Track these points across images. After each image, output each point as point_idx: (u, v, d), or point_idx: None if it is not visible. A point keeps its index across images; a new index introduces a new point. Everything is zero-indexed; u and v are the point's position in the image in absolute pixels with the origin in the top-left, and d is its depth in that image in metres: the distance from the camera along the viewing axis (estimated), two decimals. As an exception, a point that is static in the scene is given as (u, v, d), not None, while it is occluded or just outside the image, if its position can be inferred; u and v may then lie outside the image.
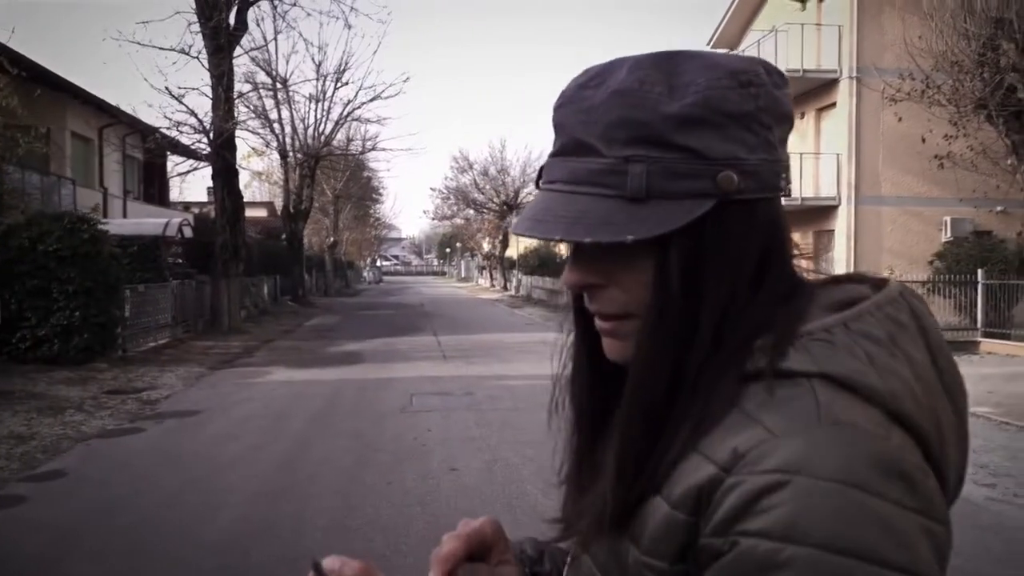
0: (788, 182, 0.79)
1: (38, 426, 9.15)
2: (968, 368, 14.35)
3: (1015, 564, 5.33)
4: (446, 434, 9.05)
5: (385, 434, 9.11)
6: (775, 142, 0.77)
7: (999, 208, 19.73)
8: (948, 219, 20.20)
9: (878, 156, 20.61)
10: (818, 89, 22.02)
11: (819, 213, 21.86)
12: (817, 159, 22.12)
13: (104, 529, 5.85)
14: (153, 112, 50.96)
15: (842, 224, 21.16)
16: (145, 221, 21.15)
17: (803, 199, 21.74)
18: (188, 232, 21.23)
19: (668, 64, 0.76)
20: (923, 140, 17.39)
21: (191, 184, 63.83)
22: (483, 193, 50.30)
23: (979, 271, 17.11)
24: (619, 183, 0.75)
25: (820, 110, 22.64)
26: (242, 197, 21.88)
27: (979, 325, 17.08)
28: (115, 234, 15.59)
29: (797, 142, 23.05)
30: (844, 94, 21.12)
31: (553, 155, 0.80)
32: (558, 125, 0.80)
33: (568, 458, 0.90)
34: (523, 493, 6.71)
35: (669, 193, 0.74)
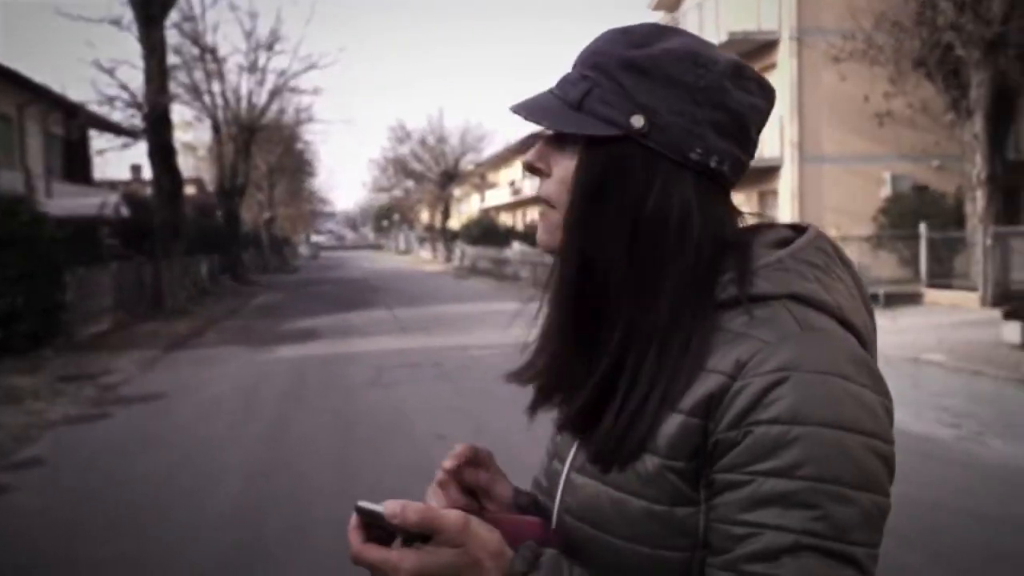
0: (708, 162, 0.89)
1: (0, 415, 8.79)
2: (916, 318, 14.83)
3: (987, 495, 5.57)
4: (424, 405, 8.98)
5: (361, 408, 9.00)
6: (700, 119, 0.89)
7: (936, 163, 20.31)
8: (888, 175, 20.72)
9: (820, 115, 20.98)
10: (759, 50, 22.26)
11: (762, 174, 22.20)
12: (759, 120, 22.44)
13: (101, 513, 5.68)
14: (83, 88, 48.93)
15: (786, 184, 21.54)
16: (79, 201, 20.37)
17: (747, 160, 22.07)
18: (125, 211, 20.52)
19: (663, 30, 0.93)
20: (866, 99, 17.76)
21: (110, 162, 61.62)
22: (422, 163, 49.84)
23: (921, 225, 17.60)
24: (570, 91, 0.92)
25: (761, 70, 22.64)
26: (180, 174, 21.27)
27: (923, 277, 17.58)
28: (52, 216, 14.96)
29: (738, 104, 23.37)
30: (785, 55, 21.40)
31: None
32: None
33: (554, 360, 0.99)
34: (515, 457, 6.63)
35: (593, 112, 0.90)
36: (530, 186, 44.21)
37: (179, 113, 34.15)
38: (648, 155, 0.89)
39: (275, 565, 4.72)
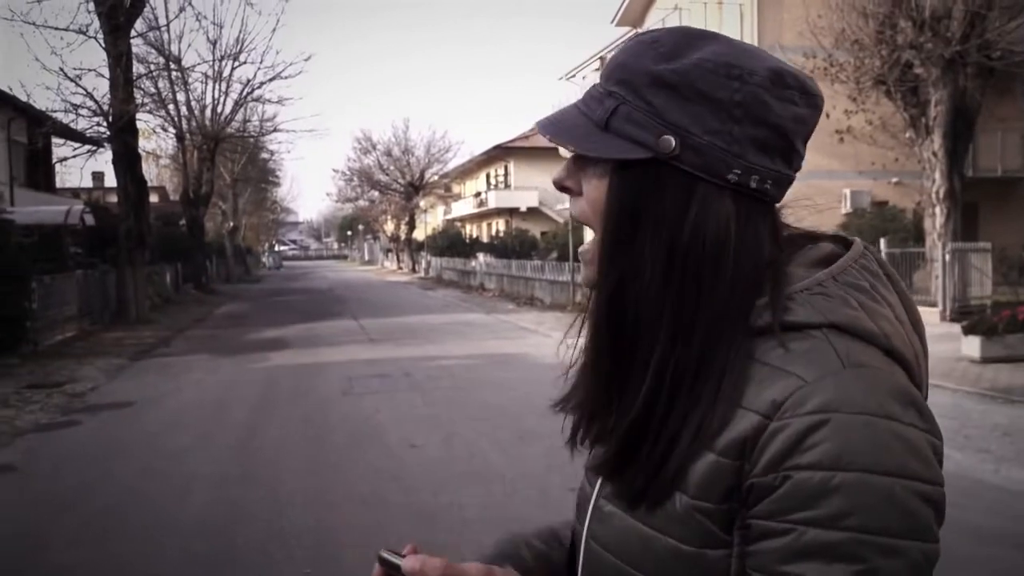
0: (748, 183, 0.83)
1: (-33, 423, 8.70)
2: (876, 331, 15.16)
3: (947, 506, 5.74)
4: (395, 414, 9.03)
5: (333, 417, 9.03)
6: (740, 137, 0.82)
7: (895, 179, 20.78)
8: (848, 191, 21.16)
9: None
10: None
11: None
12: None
13: (70, 519, 5.67)
14: (49, 95, 48.19)
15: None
16: (44, 209, 20.14)
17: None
18: (90, 220, 20.31)
19: (692, 38, 0.86)
20: (827, 116, 17.95)
21: (71, 170, 60.78)
22: (388, 174, 49.77)
23: (881, 240, 17.99)
24: (595, 109, 0.87)
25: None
26: (145, 182, 21.11)
27: (882, 291, 17.92)
28: (17, 223, 14.81)
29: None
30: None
31: None
32: None
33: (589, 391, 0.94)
34: (488, 463, 6.81)
35: (622, 132, 0.84)
36: (495, 198, 44.35)
37: (143, 121, 33.82)
38: (682, 178, 0.83)
39: (245, 575, 4.72)
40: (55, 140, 26.92)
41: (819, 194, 20.95)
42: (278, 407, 9.66)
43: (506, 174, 45.29)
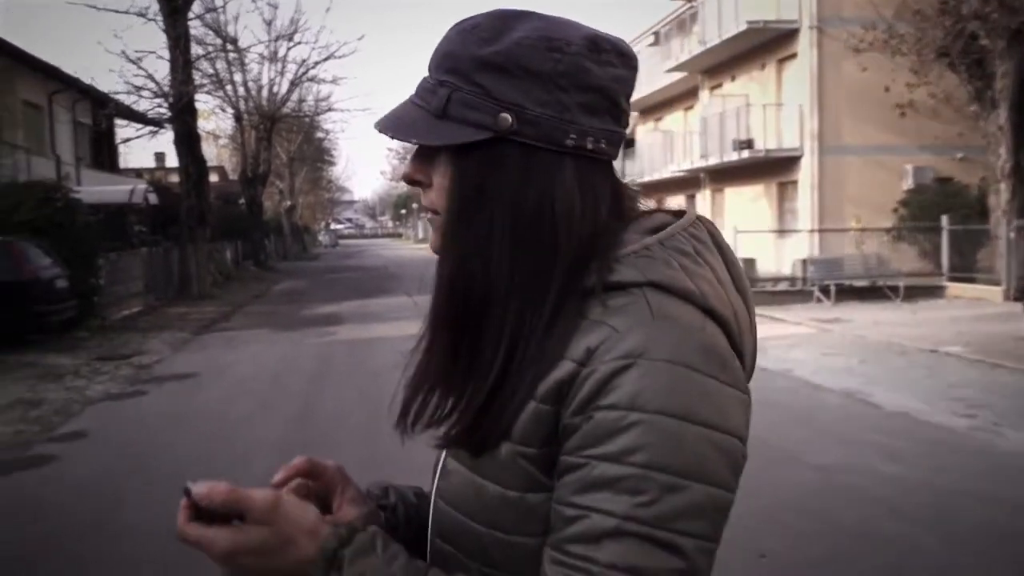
0: (584, 144, 0.88)
1: (43, 392, 9.12)
2: (936, 312, 14.90)
3: (1002, 481, 5.68)
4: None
5: (387, 390, 9.02)
6: (569, 104, 0.87)
7: (960, 155, 20.28)
8: (910, 167, 20.72)
9: (840, 106, 20.99)
10: (778, 40, 22.31)
11: (782, 164, 22.26)
12: (778, 110, 22.46)
13: (140, 482, 5.94)
14: (112, 78, 49.34)
15: (806, 175, 21.58)
16: (109, 189, 20.74)
17: (766, 150, 22.10)
18: (153, 199, 20.87)
19: (508, 19, 0.90)
20: (886, 89, 17.75)
21: (133, 150, 62.33)
22: (441, 153, 50.04)
23: (943, 217, 17.60)
24: (431, 100, 0.90)
25: (781, 61, 22.93)
26: (205, 162, 21.59)
27: (944, 270, 17.56)
28: (84, 202, 15.32)
29: (759, 93, 23.38)
30: (805, 44, 21.42)
31: None
32: None
33: (428, 369, 0.98)
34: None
35: (460, 118, 0.88)
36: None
37: (202, 102, 34.55)
38: (523, 151, 0.88)
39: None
40: (118, 121, 27.61)
41: (880, 169, 20.61)
42: (334, 379, 9.92)
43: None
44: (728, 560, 4.10)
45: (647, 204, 0.99)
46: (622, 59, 0.90)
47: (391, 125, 0.92)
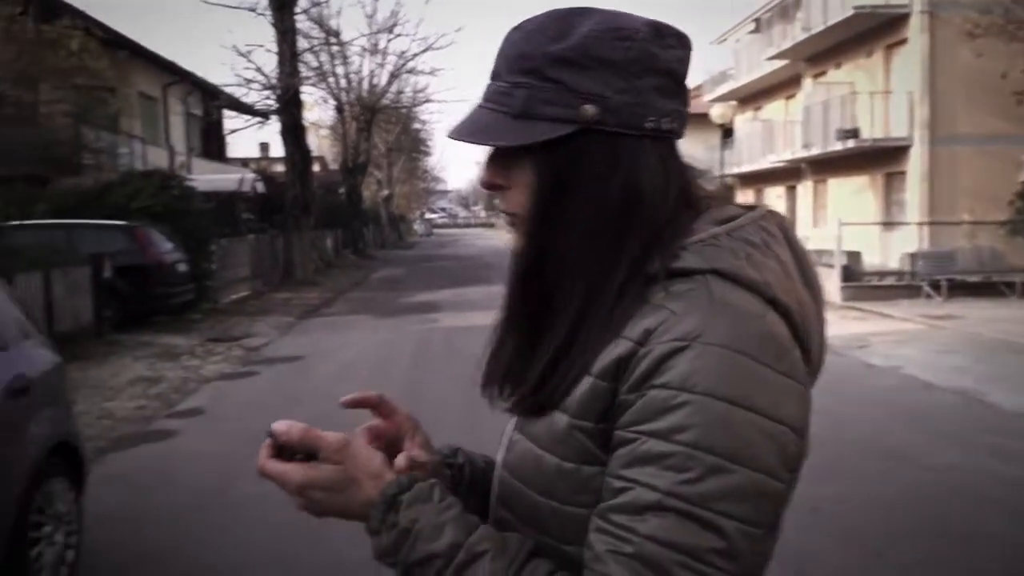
0: (660, 126, 0.92)
1: (162, 370, 9.64)
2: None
3: None
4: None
5: (487, 375, 9.36)
6: (644, 88, 0.91)
7: (1081, 144, 19.24)
8: (1026, 157, 19.76)
9: (953, 94, 20.15)
10: (887, 25, 21.53)
11: (889, 155, 21.52)
12: (886, 98, 21.71)
13: (254, 457, 6.12)
14: (223, 71, 51.42)
15: (915, 165, 20.82)
16: (220, 177, 21.57)
17: (873, 140, 21.40)
18: (260, 187, 21.61)
19: (570, 16, 0.93)
20: (1003, 76, 16.96)
21: (237, 140, 64.45)
22: (535, 143, 50.15)
23: (1061, 210, 16.75)
24: (508, 103, 0.93)
25: (889, 47, 22.14)
26: (310, 152, 22.24)
27: (1066, 266, 16.70)
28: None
29: (865, 81, 22.64)
30: (916, 29, 20.63)
31: (489, 79, 0.99)
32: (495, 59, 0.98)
33: (502, 346, 1.04)
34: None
35: (541, 115, 0.91)
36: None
37: (306, 94, 35.47)
38: (606, 139, 0.91)
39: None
40: (226, 112, 28.66)
41: (994, 160, 19.72)
42: (434, 364, 10.14)
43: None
44: (845, 558, 4.13)
45: (741, 194, 1.02)
46: (680, 41, 0.95)
47: (468, 131, 0.95)
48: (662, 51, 0.93)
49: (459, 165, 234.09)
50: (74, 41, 12.95)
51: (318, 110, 38.63)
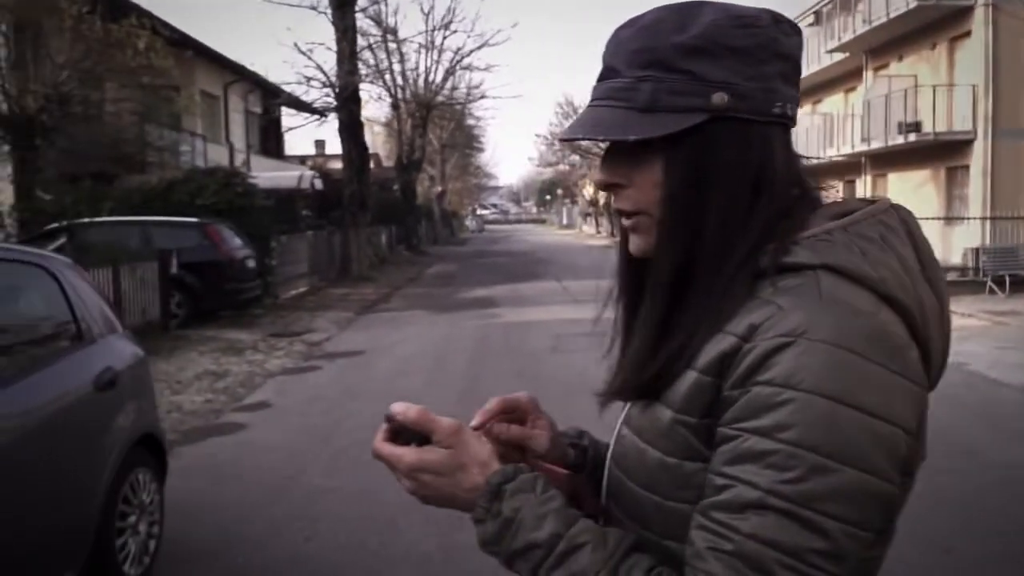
0: (786, 111, 0.93)
1: (227, 364, 9.89)
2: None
3: None
4: (604, 369, 9.31)
5: (544, 371, 9.44)
6: (771, 74, 0.92)
7: None
8: (1094, 151, 19.19)
9: (1017, 87, 19.63)
10: (949, 18, 21.07)
11: (951, 148, 21.06)
12: (950, 91, 21.24)
13: (322, 450, 6.40)
14: (283, 69, 52.19)
15: (978, 160, 20.34)
16: (280, 174, 21.96)
17: (935, 134, 20.96)
18: (319, 185, 21.94)
19: (689, 7, 0.93)
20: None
21: (294, 137, 65.30)
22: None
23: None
24: (632, 97, 0.92)
25: (953, 40, 21.65)
26: (367, 149, 22.49)
27: None
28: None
29: (928, 74, 22.17)
30: (979, 22, 20.15)
31: (597, 80, 0.98)
32: (602, 57, 0.98)
33: (619, 339, 1.06)
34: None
35: (670, 107, 0.90)
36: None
37: (364, 91, 35.81)
38: (737, 126, 0.91)
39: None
40: (284, 110, 29.15)
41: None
42: (492, 360, 10.23)
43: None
44: (914, 555, 4.13)
45: (833, 189, 1.04)
46: (794, 28, 0.96)
47: (591, 129, 0.94)
48: (784, 37, 0.94)
49: (511, 161, 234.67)
50: (141, 40, 13.27)
51: (373, 107, 39.09)
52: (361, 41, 26.49)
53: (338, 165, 26.01)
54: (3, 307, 3.83)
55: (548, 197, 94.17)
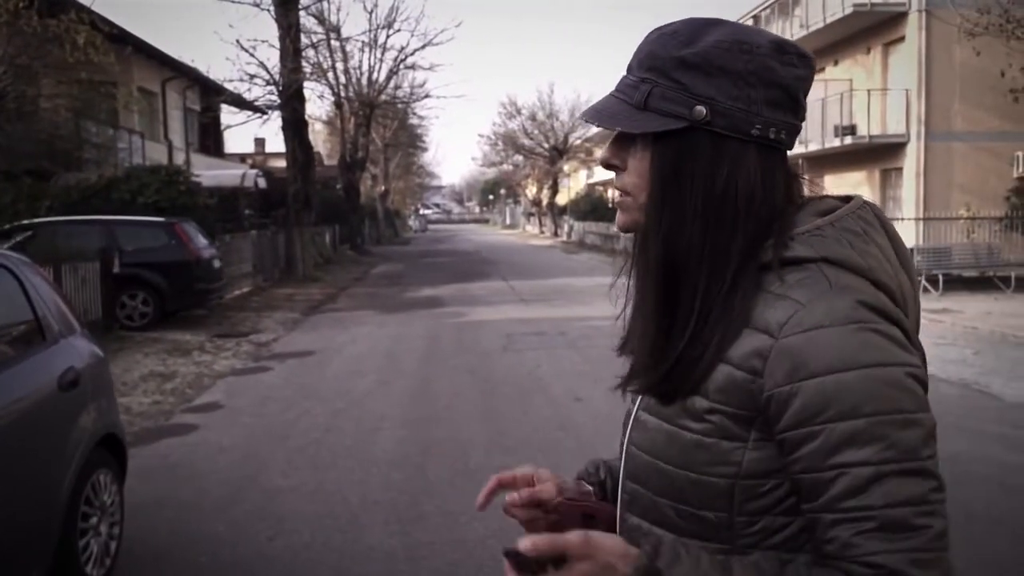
0: (767, 134, 1.02)
1: (174, 366, 9.72)
2: (1050, 301, 14.38)
3: None
4: (556, 369, 9.43)
5: (497, 371, 9.50)
6: (756, 99, 1.01)
7: (1076, 142, 19.40)
8: (1021, 154, 19.94)
9: (949, 91, 20.31)
10: (885, 23, 21.68)
11: (886, 151, 21.69)
12: (884, 95, 21.86)
13: (278, 449, 6.36)
14: (228, 66, 51.13)
15: (911, 162, 20.98)
16: (224, 172, 21.63)
17: (870, 137, 21.56)
18: (263, 183, 21.64)
19: (704, 25, 1.04)
20: (1002, 74, 17.10)
21: (231, 135, 64.26)
22: (532, 139, 50.20)
23: (1056, 206, 16.94)
24: (632, 94, 1.05)
25: (887, 44, 22.30)
26: (312, 148, 22.24)
27: (1058, 260, 16.90)
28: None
29: (863, 78, 22.79)
30: (913, 27, 20.78)
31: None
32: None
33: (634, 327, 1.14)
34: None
35: (658, 109, 1.02)
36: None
37: (308, 89, 35.37)
38: (714, 139, 1.01)
39: (442, 502, 5.16)
40: (223, 108, 28.67)
41: (989, 156, 19.90)
42: (445, 359, 10.25)
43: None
44: None
45: (817, 190, 1.15)
46: (803, 61, 1.04)
47: (596, 116, 1.07)
48: (780, 67, 1.02)
49: (454, 161, 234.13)
50: (80, 36, 12.95)
51: (313, 105, 38.64)
52: (304, 39, 26.24)
53: (279, 163, 25.73)
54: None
55: (491, 197, 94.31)
